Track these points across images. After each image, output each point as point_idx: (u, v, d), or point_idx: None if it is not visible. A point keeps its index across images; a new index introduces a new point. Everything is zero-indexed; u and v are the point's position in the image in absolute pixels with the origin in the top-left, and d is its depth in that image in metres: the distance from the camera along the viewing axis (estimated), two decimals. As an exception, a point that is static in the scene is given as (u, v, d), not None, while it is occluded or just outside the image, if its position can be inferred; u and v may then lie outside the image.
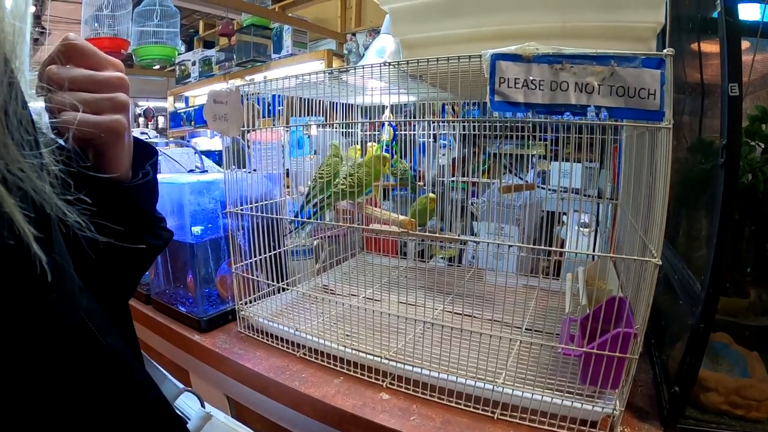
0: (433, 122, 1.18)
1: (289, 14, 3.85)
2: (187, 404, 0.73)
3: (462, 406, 0.79)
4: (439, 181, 1.36)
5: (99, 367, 0.40)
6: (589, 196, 1.25)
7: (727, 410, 0.77)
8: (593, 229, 1.18)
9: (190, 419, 0.70)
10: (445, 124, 1.35)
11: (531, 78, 0.62)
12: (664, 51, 0.61)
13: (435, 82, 0.82)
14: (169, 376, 0.74)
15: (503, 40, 0.69)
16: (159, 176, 0.60)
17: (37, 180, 0.33)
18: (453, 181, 1.42)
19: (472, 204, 1.53)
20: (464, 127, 1.28)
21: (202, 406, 0.72)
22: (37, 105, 0.43)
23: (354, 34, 3.73)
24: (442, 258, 1.74)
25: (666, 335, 0.94)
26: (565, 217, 1.28)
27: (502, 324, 0.90)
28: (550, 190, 1.32)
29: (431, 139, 1.50)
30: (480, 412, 0.77)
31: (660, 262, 0.65)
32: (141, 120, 6.20)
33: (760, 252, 0.87)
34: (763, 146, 0.86)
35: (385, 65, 0.78)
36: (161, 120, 6.15)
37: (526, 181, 1.28)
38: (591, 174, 1.20)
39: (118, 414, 0.41)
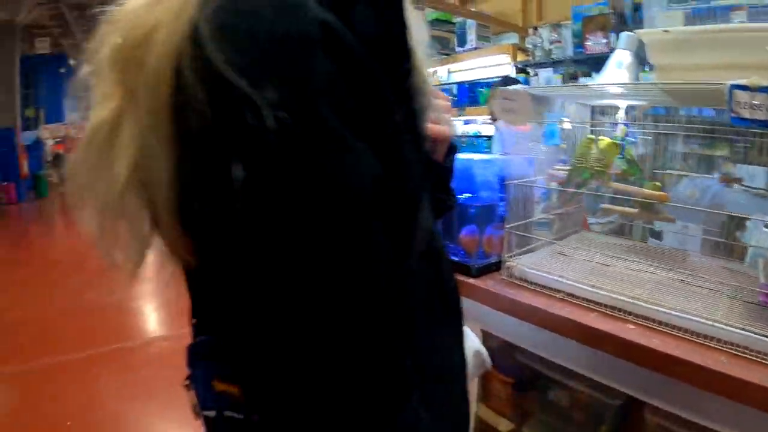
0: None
1: (471, 9, 4.20)
2: None
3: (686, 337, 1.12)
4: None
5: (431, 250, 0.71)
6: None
7: None
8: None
9: None
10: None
11: (755, 102, 0.91)
12: None
13: (677, 96, 1.15)
14: None
15: (739, 70, 0.98)
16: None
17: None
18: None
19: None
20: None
21: None
22: None
23: (536, 28, 3.91)
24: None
25: None
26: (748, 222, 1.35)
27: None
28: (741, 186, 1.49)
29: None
30: (695, 340, 1.06)
31: None
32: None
33: None
34: None
35: (649, 84, 1.15)
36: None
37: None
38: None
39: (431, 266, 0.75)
